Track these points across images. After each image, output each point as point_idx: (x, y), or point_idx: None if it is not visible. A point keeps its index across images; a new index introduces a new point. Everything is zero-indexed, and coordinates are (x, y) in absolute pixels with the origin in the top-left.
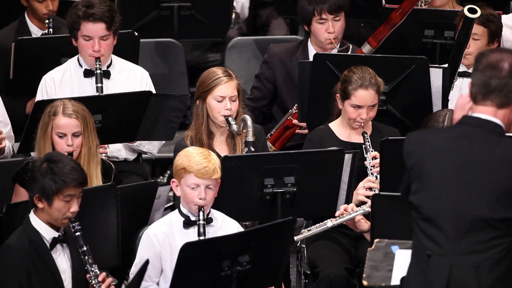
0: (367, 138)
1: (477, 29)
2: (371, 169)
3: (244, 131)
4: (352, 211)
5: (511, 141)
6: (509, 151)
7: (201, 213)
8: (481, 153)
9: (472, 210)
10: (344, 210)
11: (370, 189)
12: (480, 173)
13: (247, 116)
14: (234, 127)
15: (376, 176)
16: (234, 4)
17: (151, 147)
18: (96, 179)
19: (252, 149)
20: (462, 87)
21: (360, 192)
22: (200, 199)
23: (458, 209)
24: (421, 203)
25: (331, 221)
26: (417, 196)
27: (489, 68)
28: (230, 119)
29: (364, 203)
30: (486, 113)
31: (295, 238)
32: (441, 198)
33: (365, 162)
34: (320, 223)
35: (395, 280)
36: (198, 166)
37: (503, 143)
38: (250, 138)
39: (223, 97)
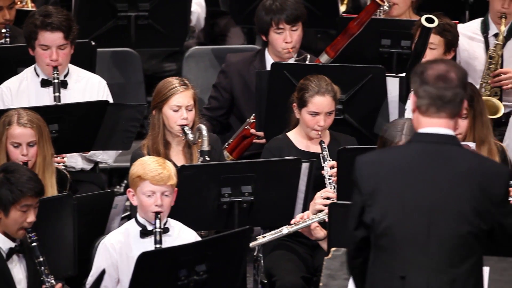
0: (325, 147)
1: (433, 38)
2: (329, 179)
3: (199, 140)
4: (308, 219)
5: (473, 153)
6: (474, 163)
7: (157, 220)
8: (447, 169)
9: (448, 227)
10: (300, 218)
11: (328, 198)
12: (450, 189)
13: (202, 126)
14: (190, 136)
15: (333, 186)
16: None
17: (106, 157)
18: (51, 188)
19: (207, 158)
20: None
21: (318, 201)
22: (156, 206)
23: (433, 227)
24: (390, 227)
25: (287, 228)
26: (384, 221)
27: (440, 80)
28: (186, 128)
29: (321, 211)
30: (440, 125)
31: (251, 244)
32: (413, 219)
33: (323, 172)
34: (276, 230)
35: None
36: (153, 173)
37: (466, 156)
38: (205, 147)
39: (179, 106)
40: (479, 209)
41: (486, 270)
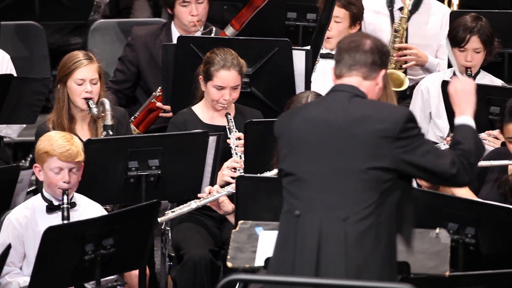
0: (231, 119)
1: (338, 11)
2: (235, 149)
3: (103, 114)
4: (217, 193)
5: (373, 101)
6: (371, 108)
7: (65, 196)
8: (342, 112)
9: (338, 164)
10: (209, 191)
11: (235, 169)
12: (347, 133)
13: (105, 100)
14: (94, 110)
15: (240, 156)
16: None
17: (10, 131)
18: None
19: (111, 132)
20: (325, 68)
21: (225, 172)
22: (64, 182)
23: (325, 165)
24: (291, 166)
25: (195, 202)
26: (287, 161)
27: (352, 47)
28: (90, 102)
29: (229, 183)
30: (351, 83)
31: (159, 219)
32: (308, 158)
33: (228, 141)
34: (184, 204)
35: (259, 261)
36: (61, 149)
37: (365, 102)
38: (109, 121)
39: (83, 80)
40: (375, 150)
41: None
